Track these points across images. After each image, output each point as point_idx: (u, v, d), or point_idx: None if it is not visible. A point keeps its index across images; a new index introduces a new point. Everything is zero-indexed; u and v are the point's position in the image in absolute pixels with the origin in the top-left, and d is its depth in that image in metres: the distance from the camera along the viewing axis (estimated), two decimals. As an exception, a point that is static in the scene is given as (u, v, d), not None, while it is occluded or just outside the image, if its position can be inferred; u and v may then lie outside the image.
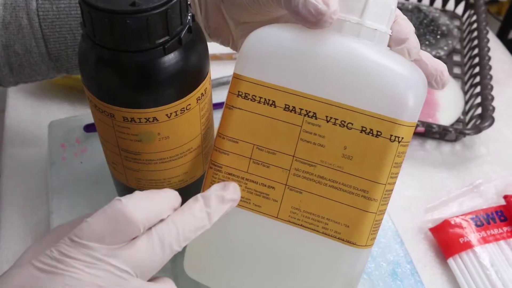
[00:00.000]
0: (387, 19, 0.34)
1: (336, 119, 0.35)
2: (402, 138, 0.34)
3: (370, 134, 0.34)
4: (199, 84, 0.36)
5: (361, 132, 0.35)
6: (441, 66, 0.37)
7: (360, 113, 0.34)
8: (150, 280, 0.33)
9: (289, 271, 0.40)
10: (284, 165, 0.37)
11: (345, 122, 0.35)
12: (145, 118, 0.35)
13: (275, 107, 0.36)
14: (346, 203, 0.36)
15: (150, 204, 0.32)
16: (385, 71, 0.34)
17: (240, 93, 0.36)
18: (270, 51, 0.35)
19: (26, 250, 0.32)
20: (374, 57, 0.34)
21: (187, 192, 0.42)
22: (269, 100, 0.36)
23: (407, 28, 0.35)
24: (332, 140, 0.35)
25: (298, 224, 0.38)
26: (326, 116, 0.35)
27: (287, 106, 0.35)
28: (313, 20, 0.32)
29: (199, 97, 0.36)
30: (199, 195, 0.35)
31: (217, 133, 0.38)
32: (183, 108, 0.36)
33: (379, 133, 0.34)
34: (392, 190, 0.37)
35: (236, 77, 0.36)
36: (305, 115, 0.35)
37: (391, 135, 0.34)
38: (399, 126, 0.34)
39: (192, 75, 0.35)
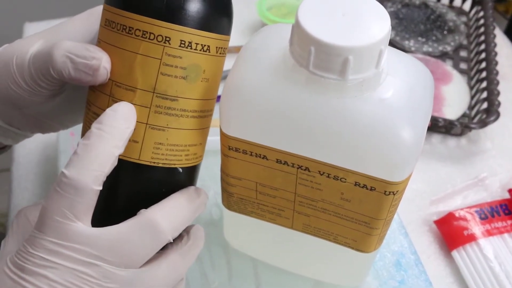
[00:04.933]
0: (376, 61, 0.30)
1: (329, 173, 0.34)
2: (397, 191, 0.34)
3: (364, 188, 0.34)
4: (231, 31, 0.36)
5: (355, 185, 0.34)
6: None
7: (352, 173, 0.33)
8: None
9: (308, 254, 0.44)
10: (288, 197, 0.37)
11: (338, 177, 0.34)
12: (201, 45, 0.32)
13: (267, 159, 0.35)
14: (350, 227, 0.38)
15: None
16: (373, 132, 0.31)
17: (231, 147, 0.36)
18: (251, 113, 0.33)
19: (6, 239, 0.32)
20: (360, 116, 0.31)
21: (195, 172, 0.38)
22: (260, 154, 0.35)
23: None
24: (328, 188, 0.35)
25: (312, 234, 0.40)
26: (319, 171, 0.34)
27: (279, 160, 0.35)
28: (90, 79, 0.32)
29: (227, 47, 0.36)
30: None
31: (221, 169, 0.39)
32: (225, 48, 0.35)
33: (373, 188, 0.34)
34: (394, 214, 0.37)
35: (222, 133, 0.35)
36: (298, 168, 0.35)
37: (385, 191, 0.33)
38: (392, 185, 0.33)
39: (231, 16, 0.35)
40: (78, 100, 0.38)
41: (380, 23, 0.29)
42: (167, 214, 0.32)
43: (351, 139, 0.31)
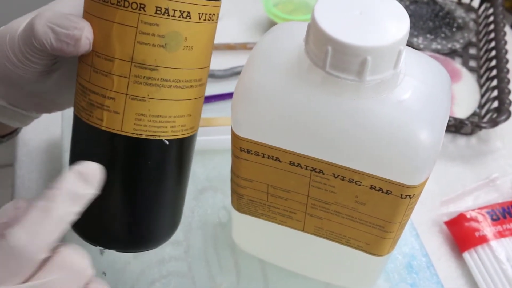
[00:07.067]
0: (394, 62, 0.29)
1: (343, 176, 0.33)
2: (414, 194, 0.33)
3: (380, 191, 0.33)
4: None
5: (370, 188, 0.33)
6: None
7: (367, 176, 0.32)
8: None
9: (319, 257, 0.43)
10: (301, 200, 0.37)
11: (353, 179, 0.33)
12: (180, 11, 0.31)
13: (280, 162, 0.34)
14: (364, 230, 0.37)
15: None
16: (390, 134, 0.30)
17: (243, 149, 0.35)
18: (263, 114, 0.32)
19: None
20: (377, 118, 0.30)
21: (186, 145, 0.37)
22: (272, 156, 0.34)
23: None
24: (342, 191, 0.34)
25: (324, 237, 0.39)
26: (333, 173, 0.33)
27: (292, 162, 0.34)
28: (72, 49, 0.31)
29: (218, 13, 0.34)
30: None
31: (231, 170, 0.38)
32: (212, 14, 0.33)
33: (389, 192, 0.33)
34: (409, 218, 0.36)
35: (234, 134, 0.34)
36: (312, 170, 0.34)
37: (402, 194, 0.32)
38: (409, 189, 0.32)
39: None
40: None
41: (399, 22, 0.28)
42: (29, 228, 0.28)
43: (368, 142, 0.30)
